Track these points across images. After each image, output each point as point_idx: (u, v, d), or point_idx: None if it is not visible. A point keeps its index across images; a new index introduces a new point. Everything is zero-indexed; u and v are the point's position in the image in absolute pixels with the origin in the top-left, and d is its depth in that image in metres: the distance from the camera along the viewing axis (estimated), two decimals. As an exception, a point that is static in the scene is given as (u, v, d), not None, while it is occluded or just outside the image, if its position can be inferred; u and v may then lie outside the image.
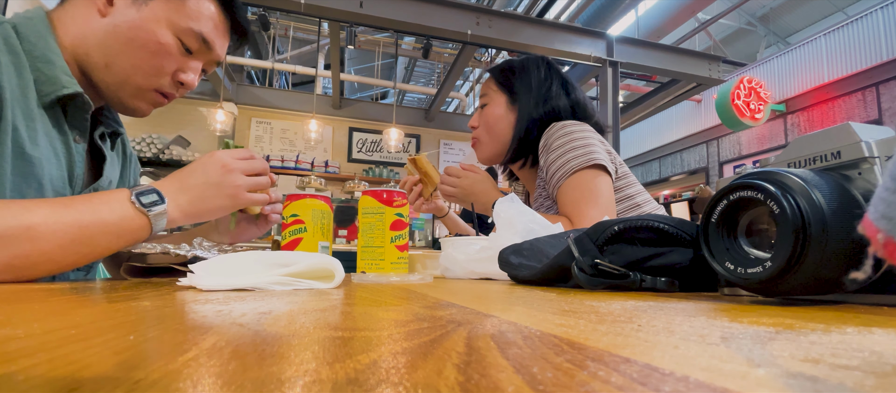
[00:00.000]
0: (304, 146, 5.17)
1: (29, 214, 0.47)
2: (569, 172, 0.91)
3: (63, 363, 0.13)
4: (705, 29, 6.01)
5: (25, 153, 0.57)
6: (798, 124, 5.58)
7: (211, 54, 0.72)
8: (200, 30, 0.68)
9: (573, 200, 0.90)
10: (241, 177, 0.65)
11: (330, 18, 3.23)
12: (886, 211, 0.19)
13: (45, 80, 0.60)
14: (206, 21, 0.69)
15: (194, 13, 0.68)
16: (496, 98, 1.07)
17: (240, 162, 0.65)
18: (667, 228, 0.45)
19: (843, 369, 0.13)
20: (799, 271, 0.28)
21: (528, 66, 1.06)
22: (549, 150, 0.95)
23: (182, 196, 0.60)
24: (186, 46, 0.68)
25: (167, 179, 0.61)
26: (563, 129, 0.95)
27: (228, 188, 0.64)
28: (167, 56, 0.67)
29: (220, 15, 0.71)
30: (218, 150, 0.66)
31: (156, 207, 0.56)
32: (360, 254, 0.64)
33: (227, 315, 0.25)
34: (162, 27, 0.66)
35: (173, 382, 0.12)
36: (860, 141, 0.31)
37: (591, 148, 0.92)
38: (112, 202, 0.54)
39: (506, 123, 1.05)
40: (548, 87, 1.03)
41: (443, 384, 0.12)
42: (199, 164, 0.63)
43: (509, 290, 0.47)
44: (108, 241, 0.53)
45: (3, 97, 0.55)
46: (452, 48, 5.87)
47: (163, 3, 0.66)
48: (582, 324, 0.22)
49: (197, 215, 0.62)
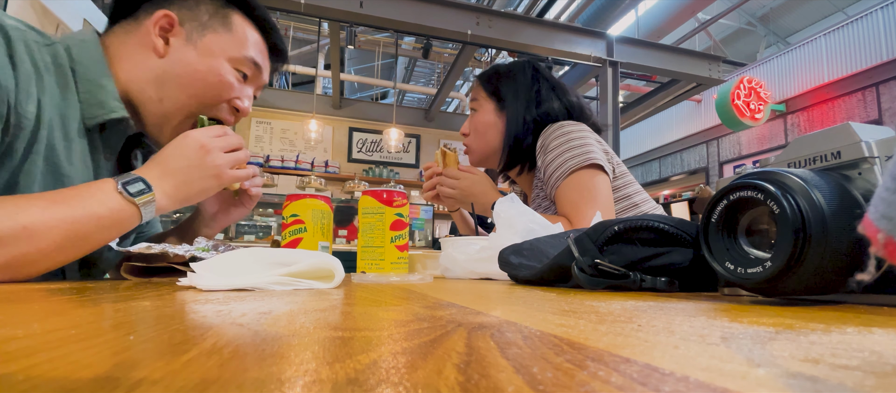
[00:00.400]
0: (304, 146, 5.17)
1: (23, 213, 0.47)
2: (566, 172, 0.91)
3: (63, 363, 0.13)
4: (705, 29, 6.01)
5: (60, 172, 0.58)
6: (798, 124, 5.58)
7: (260, 78, 0.75)
8: (253, 56, 0.72)
9: (571, 200, 0.90)
10: (221, 155, 0.65)
11: (330, 18, 3.23)
12: (887, 211, 0.19)
13: (94, 102, 0.61)
14: (253, 46, 0.72)
15: (244, 42, 0.71)
16: (485, 105, 1.07)
17: (217, 140, 0.65)
18: (667, 228, 0.45)
19: (843, 369, 0.13)
20: (799, 271, 0.28)
21: (515, 71, 1.06)
22: (547, 151, 0.95)
23: (166, 182, 0.60)
24: (243, 74, 0.71)
25: (148, 165, 0.61)
26: (559, 129, 0.95)
27: (211, 169, 0.64)
28: (227, 86, 0.70)
29: (261, 39, 0.75)
30: (192, 129, 0.66)
31: (143, 196, 0.56)
32: (360, 254, 0.64)
33: (227, 315, 0.25)
34: (220, 60, 0.69)
35: (173, 382, 0.12)
36: (860, 141, 0.31)
37: (589, 148, 0.92)
38: (100, 194, 0.53)
39: (495, 130, 1.05)
40: (536, 90, 1.03)
41: (443, 384, 0.12)
42: (177, 148, 0.63)
43: (509, 290, 0.47)
44: (101, 234, 0.53)
45: (41, 118, 0.56)
46: (452, 48, 5.87)
47: (215, 37, 0.69)
48: (582, 324, 0.22)
49: (184, 200, 0.62)
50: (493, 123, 1.05)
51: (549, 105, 1.02)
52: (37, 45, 0.57)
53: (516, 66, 1.07)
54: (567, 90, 1.06)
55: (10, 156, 0.53)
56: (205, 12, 0.69)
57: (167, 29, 0.67)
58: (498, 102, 1.05)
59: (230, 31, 0.70)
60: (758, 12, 7.26)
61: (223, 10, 0.70)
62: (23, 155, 0.54)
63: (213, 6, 0.70)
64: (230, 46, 0.69)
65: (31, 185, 0.55)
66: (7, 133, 0.52)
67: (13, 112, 0.52)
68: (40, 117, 0.55)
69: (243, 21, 0.72)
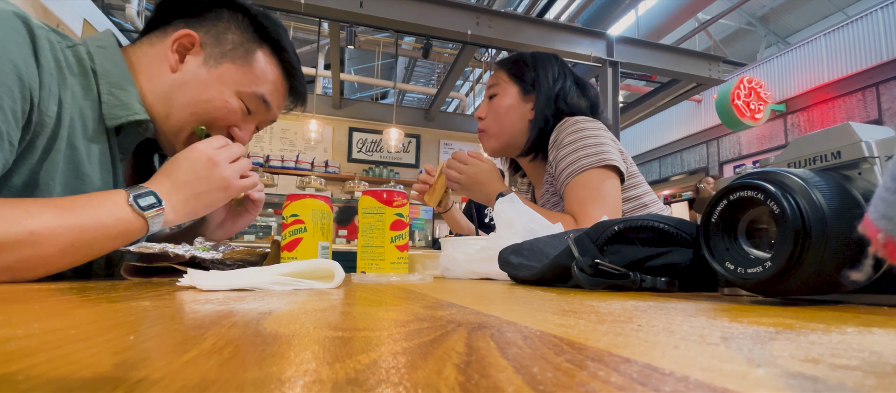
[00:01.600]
0: (304, 146, 5.17)
1: (31, 219, 0.47)
2: (578, 171, 0.90)
3: (63, 363, 0.13)
4: (705, 29, 6.00)
5: (81, 170, 0.59)
6: (798, 124, 5.58)
7: (269, 114, 0.75)
8: (263, 93, 0.72)
9: (580, 198, 0.89)
10: (228, 166, 0.66)
11: (330, 18, 3.23)
12: (887, 211, 0.19)
13: (117, 103, 0.62)
14: (268, 85, 0.72)
15: (260, 78, 0.71)
16: (507, 89, 1.05)
17: (222, 151, 0.66)
18: (667, 228, 0.45)
19: (843, 369, 0.13)
20: (799, 271, 0.28)
21: (542, 58, 1.05)
22: (560, 146, 0.94)
23: (176, 196, 0.60)
24: (248, 108, 0.72)
25: (158, 178, 0.61)
26: (574, 125, 0.94)
27: (219, 181, 0.64)
28: (230, 113, 0.70)
29: (282, 80, 0.75)
30: (197, 142, 0.66)
31: (153, 210, 0.56)
32: (360, 254, 0.64)
33: (227, 315, 0.25)
34: (229, 90, 0.69)
35: (173, 382, 0.12)
36: (860, 141, 0.31)
37: (603, 147, 0.91)
38: (110, 205, 0.53)
39: (517, 114, 1.04)
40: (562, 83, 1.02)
41: (443, 384, 0.12)
42: (186, 161, 0.63)
43: (509, 290, 0.47)
44: (106, 243, 0.54)
45: (62, 116, 0.56)
46: (452, 48, 5.87)
47: (232, 67, 0.69)
48: (582, 324, 0.22)
49: (192, 214, 0.63)
50: (514, 106, 1.04)
51: (575, 100, 1.01)
52: (60, 44, 0.58)
53: (542, 54, 1.07)
54: (588, 85, 1.06)
55: (30, 153, 0.54)
56: (230, 42, 0.69)
57: (188, 47, 0.67)
58: (522, 86, 1.04)
59: (249, 66, 0.70)
60: (758, 12, 7.26)
61: (250, 44, 0.71)
62: (43, 153, 0.55)
63: (241, 37, 0.70)
64: (244, 80, 0.70)
65: (52, 183, 0.56)
66: (28, 131, 0.52)
67: (36, 110, 0.52)
68: (61, 116, 0.56)
69: (268, 59, 0.72)
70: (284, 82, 0.76)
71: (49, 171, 0.55)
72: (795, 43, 5.76)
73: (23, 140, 0.52)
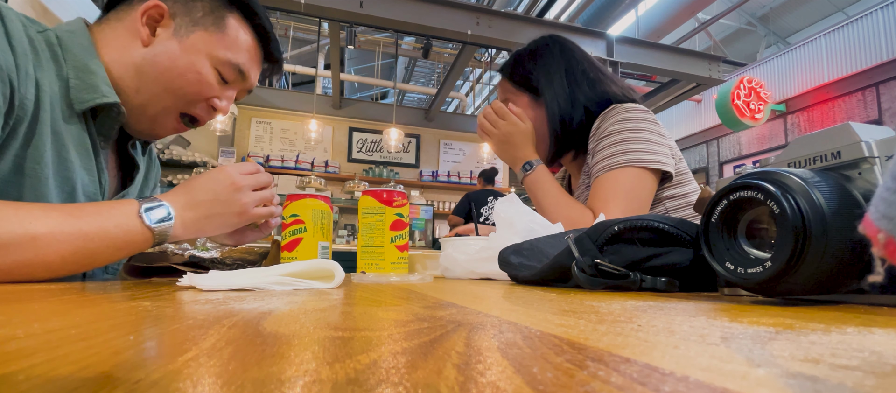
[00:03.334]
0: (304, 146, 5.17)
1: (36, 222, 0.47)
2: (611, 167, 0.85)
3: (63, 363, 0.13)
4: (705, 29, 6.00)
5: (63, 156, 0.58)
6: (798, 124, 5.58)
7: (245, 83, 0.74)
8: (238, 61, 0.70)
9: (604, 195, 0.84)
10: (249, 194, 0.65)
11: (330, 18, 3.23)
12: (887, 211, 0.19)
13: (84, 87, 0.60)
14: (242, 52, 0.71)
15: (233, 45, 0.70)
16: (518, 99, 0.99)
17: (248, 178, 0.65)
18: (667, 228, 0.45)
19: (843, 369, 0.13)
20: (799, 271, 0.28)
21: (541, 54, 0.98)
22: (601, 136, 0.88)
23: (189, 213, 0.60)
24: (223, 77, 0.70)
25: (176, 192, 0.61)
26: (621, 115, 0.87)
27: (236, 206, 0.64)
28: (205, 85, 0.68)
29: (256, 45, 0.73)
30: (228, 164, 0.65)
31: (162, 223, 0.56)
32: (360, 254, 0.64)
33: (227, 315, 0.25)
34: (202, 58, 0.67)
35: (173, 382, 0.12)
36: (860, 141, 0.31)
37: (643, 147, 0.85)
38: (119, 216, 0.53)
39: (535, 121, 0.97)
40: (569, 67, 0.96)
41: (443, 384, 0.12)
42: (210, 180, 0.63)
43: (509, 290, 0.47)
44: (110, 253, 0.53)
45: (41, 99, 0.55)
46: (452, 48, 5.87)
47: (203, 35, 0.67)
48: (582, 324, 0.22)
49: (200, 232, 0.62)
50: (529, 112, 0.97)
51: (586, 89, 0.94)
52: (32, 27, 0.57)
53: (540, 47, 0.99)
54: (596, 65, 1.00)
55: (13, 139, 0.53)
56: (199, 9, 0.68)
57: (157, 19, 0.66)
58: (531, 92, 0.98)
59: (221, 32, 0.68)
60: (758, 12, 7.26)
61: (220, 10, 0.69)
62: (24, 139, 0.54)
63: (211, 4, 0.69)
64: (216, 47, 0.68)
65: (38, 168, 0.55)
66: (11, 115, 0.51)
67: (16, 93, 0.51)
68: (40, 99, 0.55)
69: (239, 24, 0.70)
70: (258, 48, 0.74)
71: (35, 157, 0.54)
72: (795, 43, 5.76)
73: (6, 125, 0.51)
